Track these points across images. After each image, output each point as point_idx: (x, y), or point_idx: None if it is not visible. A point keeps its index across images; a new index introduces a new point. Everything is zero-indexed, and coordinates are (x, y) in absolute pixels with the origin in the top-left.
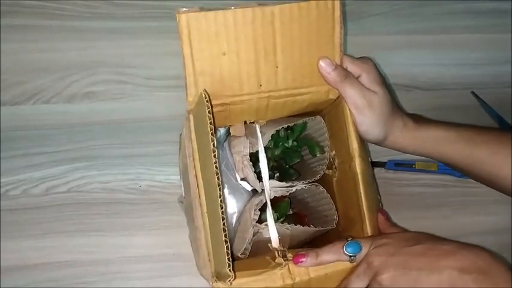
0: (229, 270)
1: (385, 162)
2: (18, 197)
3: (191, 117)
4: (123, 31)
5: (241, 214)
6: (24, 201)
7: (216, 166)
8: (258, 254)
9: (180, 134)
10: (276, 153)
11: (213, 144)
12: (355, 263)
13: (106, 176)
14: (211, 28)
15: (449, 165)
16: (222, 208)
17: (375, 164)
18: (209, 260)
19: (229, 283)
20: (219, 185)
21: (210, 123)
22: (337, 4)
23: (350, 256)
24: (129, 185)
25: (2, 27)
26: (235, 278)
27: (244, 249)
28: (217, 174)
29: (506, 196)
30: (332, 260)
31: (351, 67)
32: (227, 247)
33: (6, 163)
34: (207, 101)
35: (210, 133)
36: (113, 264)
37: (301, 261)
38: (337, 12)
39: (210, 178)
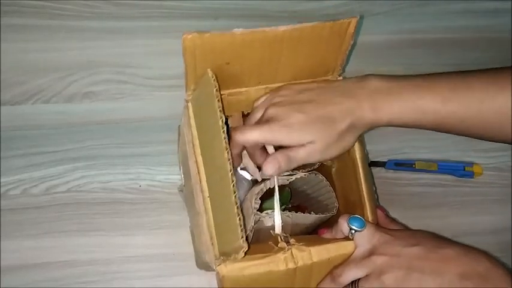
0: (243, 240)
1: (385, 162)
2: (18, 196)
3: (189, 105)
4: (123, 31)
5: (242, 203)
6: (24, 201)
7: (226, 141)
8: (260, 243)
9: (179, 126)
10: None
11: (222, 120)
12: (352, 241)
13: (106, 176)
14: (217, 46)
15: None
16: (233, 182)
17: (375, 164)
18: (212, 244)
19: (242, 253)
20: (228, 160)
21: (218, 100)
22: (354, 22)
23: (351, 229)
24: (129, 184)
25: (2, 27)
26: (249, 248)
27: (246, 236)
28: (226, 149)
29: (506, 196)
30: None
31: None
32: (239, 219)
33: (6, 163)
34: (214, 80)
35: (219, 110)
36: (113, 264)
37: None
38: (351, 29)
39: (216, 156)
